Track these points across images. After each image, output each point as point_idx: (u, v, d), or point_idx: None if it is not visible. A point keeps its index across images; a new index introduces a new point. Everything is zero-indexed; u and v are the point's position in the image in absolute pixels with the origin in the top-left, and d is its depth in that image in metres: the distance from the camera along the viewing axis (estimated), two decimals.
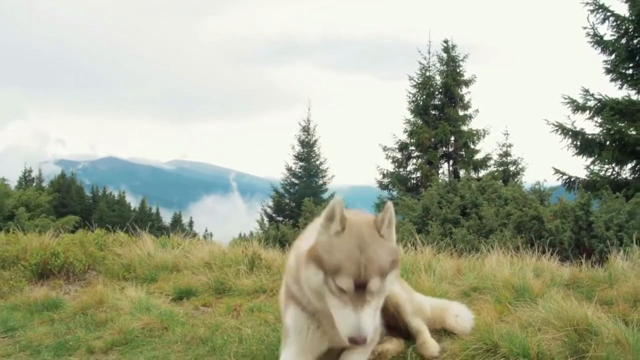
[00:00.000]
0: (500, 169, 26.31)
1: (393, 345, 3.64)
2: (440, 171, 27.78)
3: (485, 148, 27.89)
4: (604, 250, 7.75)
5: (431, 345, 3.57)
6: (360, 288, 2.58)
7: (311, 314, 2.96)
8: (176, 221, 69.77)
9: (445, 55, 28.21)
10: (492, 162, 27.16)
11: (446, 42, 28.21)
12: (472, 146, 27.73)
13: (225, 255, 6.44)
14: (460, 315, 4.19)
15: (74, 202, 58.93)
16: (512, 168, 26.66)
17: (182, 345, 4.07)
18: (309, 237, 2.90)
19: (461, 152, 27.82)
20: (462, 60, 28.17)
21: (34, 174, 58.72)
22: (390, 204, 2.83)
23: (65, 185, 60.32)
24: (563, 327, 3.76)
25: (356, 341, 2.53)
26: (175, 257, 7.00)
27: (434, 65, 28.55)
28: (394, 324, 3.74)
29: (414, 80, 28.23)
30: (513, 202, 10.69)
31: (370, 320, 2.60)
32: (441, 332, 4.16)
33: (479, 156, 27.50)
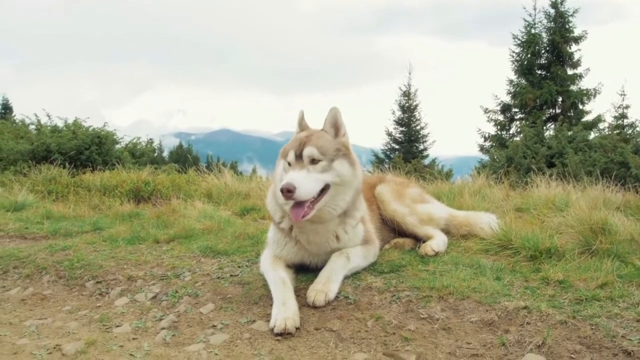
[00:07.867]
0: (615, 132, 24.41)
1: (408, 241, 4.26)
2: (547, 134, 26.37)
3: (597, 109, 26.00)
4: None
5: (427, 247, 3.99)
6: (299, 157, 3.19)
7: (287, 232, 3.49)
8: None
9: (552, 10, 26.45)
10: (605, 124, 25.26)
11: None
12: (582, 107, 25.97)
13: None
14: (488, 223, 4.45)
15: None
16: (629, 131, 24.72)
17: (231, 238, 4.67)
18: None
19: (569, 114, 26.16)
20: (571, 15, 26.22)
21: (155, 145, 63.39)
22: (335, 108, 3.44)
23: (182, 156, 64.60)
24: (580, 227, 3.86)
25: (285, 189, 2.95)
26: (250, 188, 7.67)
27: (540, 22, 26.88)
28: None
29: (518, 39, 26.76)
30: (600, 149, 10.22)
31: (303, 179, 3.07)
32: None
33: (589, 117, 25.71)
